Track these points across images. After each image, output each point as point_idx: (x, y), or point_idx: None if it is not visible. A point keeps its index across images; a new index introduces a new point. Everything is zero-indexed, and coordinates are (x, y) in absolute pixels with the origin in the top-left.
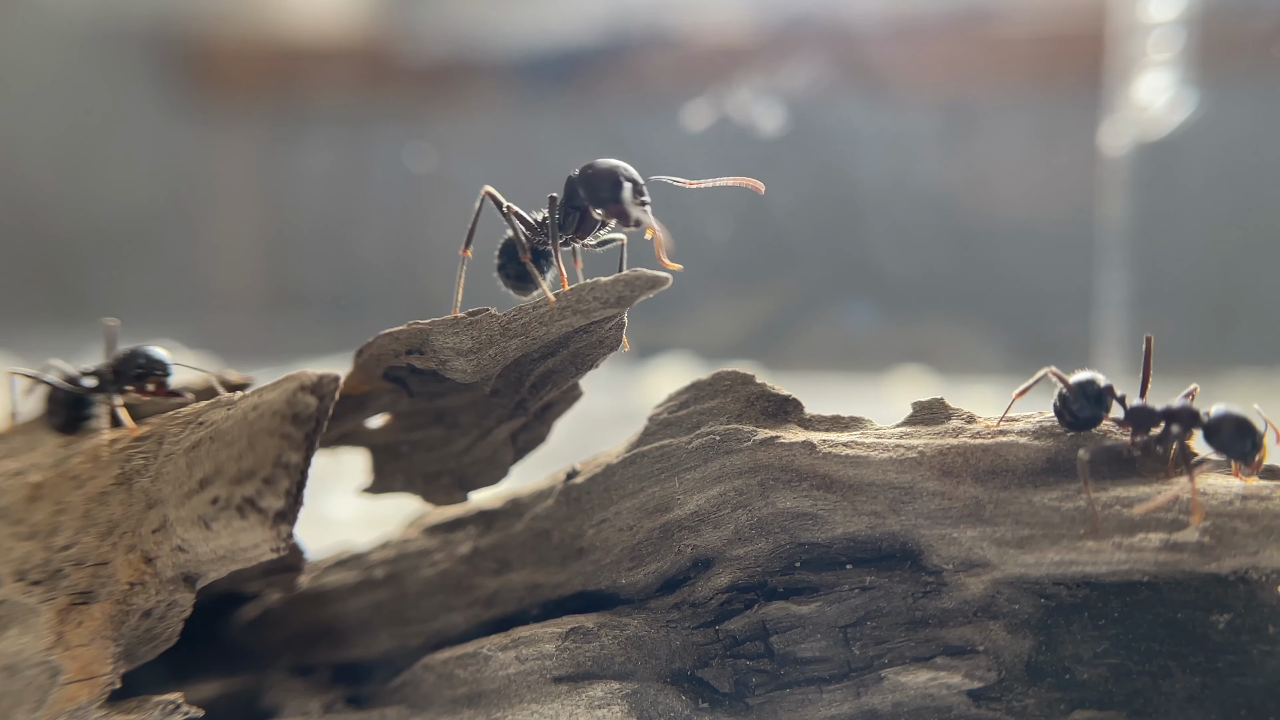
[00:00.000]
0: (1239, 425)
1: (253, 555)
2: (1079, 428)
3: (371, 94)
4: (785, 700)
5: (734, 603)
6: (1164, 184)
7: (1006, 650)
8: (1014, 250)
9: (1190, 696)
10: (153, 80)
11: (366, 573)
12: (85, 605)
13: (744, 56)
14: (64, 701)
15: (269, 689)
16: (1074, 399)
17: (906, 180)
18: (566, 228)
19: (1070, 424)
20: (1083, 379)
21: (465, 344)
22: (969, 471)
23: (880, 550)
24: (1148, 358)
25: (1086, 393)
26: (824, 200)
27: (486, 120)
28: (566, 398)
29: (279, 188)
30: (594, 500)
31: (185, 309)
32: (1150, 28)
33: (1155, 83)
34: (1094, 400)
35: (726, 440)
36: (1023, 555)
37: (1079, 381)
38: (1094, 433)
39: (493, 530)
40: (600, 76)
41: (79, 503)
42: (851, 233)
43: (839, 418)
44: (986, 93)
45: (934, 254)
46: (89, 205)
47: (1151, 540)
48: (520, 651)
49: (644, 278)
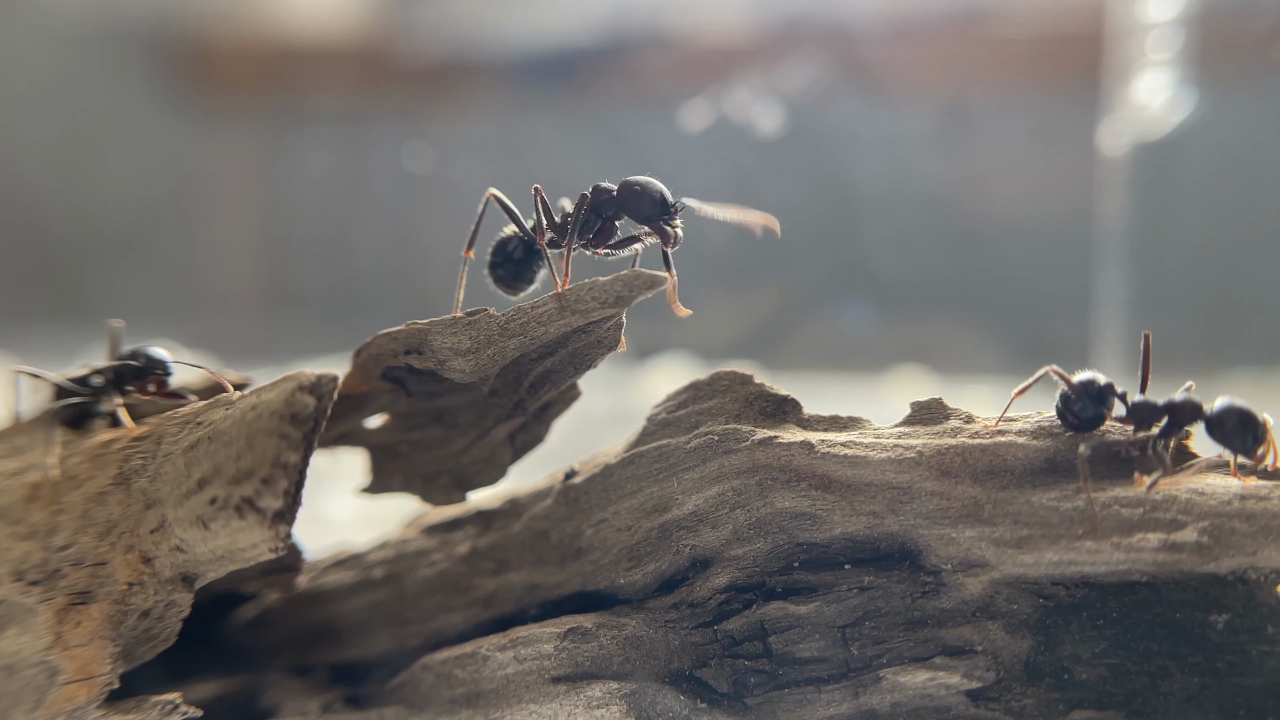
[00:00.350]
0: (1242, 418)
1: (251, 555)
2: (1081, 428)
3: (370, 94)
4: (784, 700)
5: (732, 603)
6: (1162, 184)
7: (1005, 650)
8: (1012, 250)
9: (1189, 696)
10: (151, 80)
11: (365, 573)
12: (84, 605)
13: (742, 56)
14: (62, 701)
15: (267, 689)
16: (1076, 399)
17: (905, 180)
18: (585, 234)
19: (1073, 425)
20: (1084, 379)
21: (464, 344)
22: (967, 471)
23: (879, 550)
24: (1146, 355)
25: (1089, 392)
26: (822, 200)
27: (485, 120)
28: (565, 398)
29: (277, 187)
30: (592, 500)
31: (184, 309)
32: (1149, 28)
33: (1154, 83)
34: (1096, 399)
35: (725, 440)
36: (1021, 555)
37: (1081, 381)
38: (1095, 432)
39: (491, 530)
40: (598, 76)
41: (77, 503)
42: (850, 232)
43: (837, 418)
44: (985, 93)
45: (932, 254)
46: (88, 205)
47: (1150, 540)
48: (519, 651)
49: (642, 278)
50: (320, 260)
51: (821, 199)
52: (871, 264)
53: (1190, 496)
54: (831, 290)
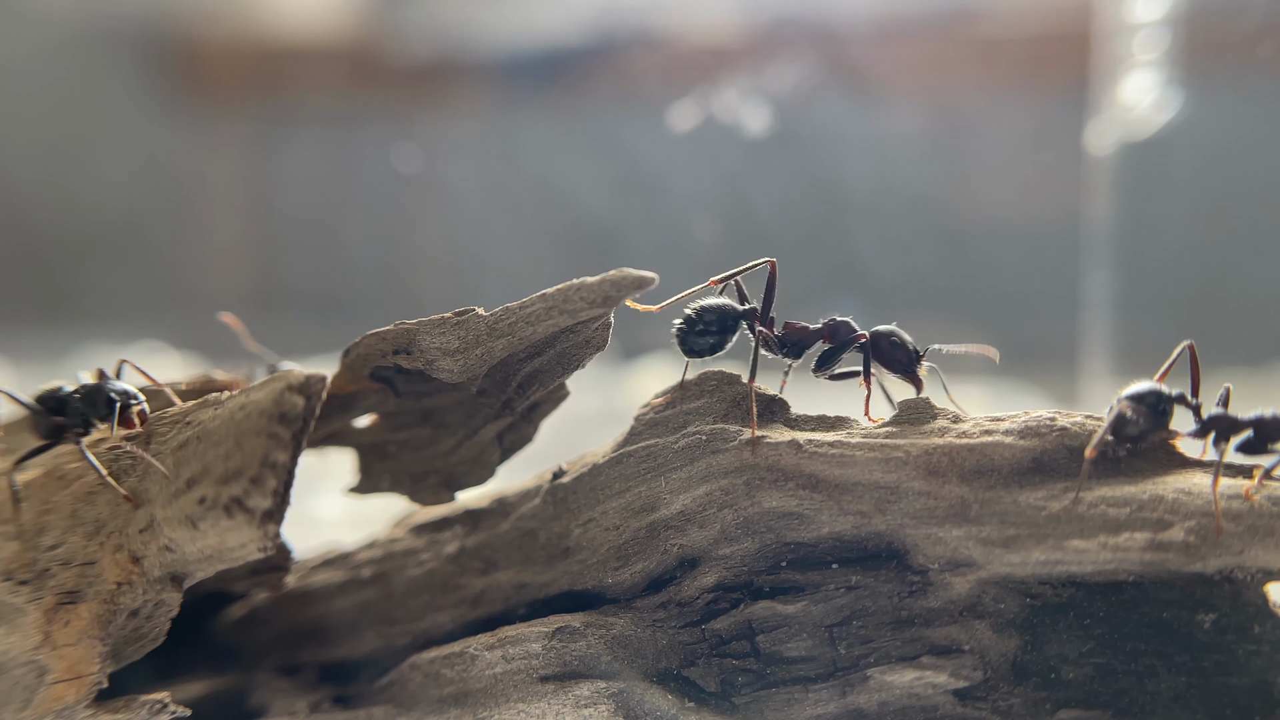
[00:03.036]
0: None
1: (240, 555)
2: (1139, 441)
3: (358, 94)
4: (771, 699)
5: (720, 602)
6: (1150, 184)
7: (992, 650)
8: (1000, 250)
9: (1176, 696)
10: (140, 80)
11: (353, 572)
12: (72, 605)
13: (730, 57)
14: (51, 701)
15: (256, 688)
16: (1145, 416)
17: (892, 180)
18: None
19: (1133, 438)
20: (1147, 390)
21: (452, 344)
22: (954, 471)
23: (866, 550)
24: (1195, 365)
25: (1156, 408)
26: (810, 200)
27: (473, 120)
28: (553, 397)
29: (266, 187)
30: (580, 500)
31: (172, 309)
32: (1136, 28)
33: (1141, 83)
34: (1161, 415)
35: (713, 440)
36: (1008, 555)
37: (1147, 394)
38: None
39: (479, 530)
40: (587, 76)
41: (66, 502)
42: (837, 232)
43: (825, 417)
44: (972, 93)
45: (920, 254)
46: (76, 205)
47: (1137, 540)
48: (507, 651)
49: (630, 278)
50: (309, 260)
51: (809, 199)
52: (859, 264)
53: (1177, 496)
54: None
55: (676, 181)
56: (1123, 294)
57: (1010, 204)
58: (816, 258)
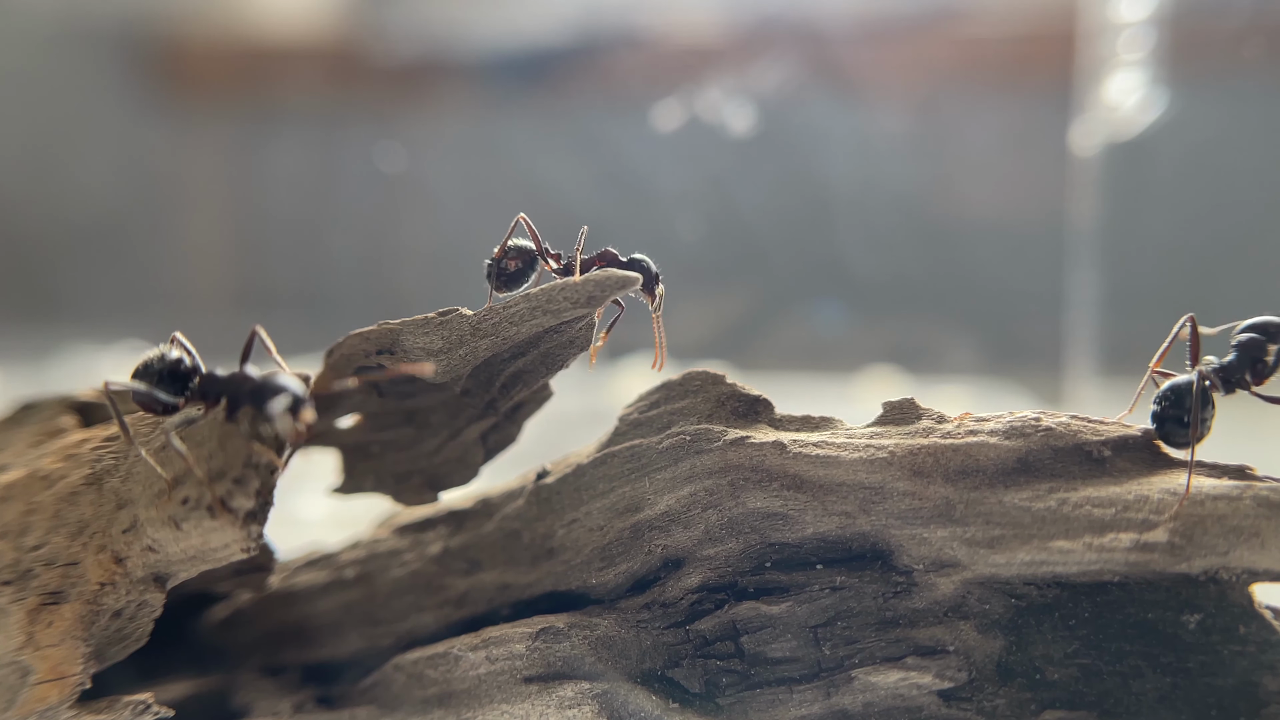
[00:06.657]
0: None
1: (223, 555)
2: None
3: (342, 94)
4: (755, 700)
5: (704, 603)
6: (1134, 184)
7: (977, 650)
8: (984, 250)
9: (1161, 697)
10: (122, 79)
11: (337, 573)
12: (55, 605)
13: (714, 56)
14: (34, 702)
15: (239, 689)
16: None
17: (877, 180)
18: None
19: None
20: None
21: (436, 344)
22: (940, 471)
23: (851, 550)
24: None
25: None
26: (794, 200)
27: (457, 120)
28: (537, 398)
29: (249, 187)
30: (564, 500)
31: (155, 308)
32: (1121, 28)
33: (1126, 83)
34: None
35: (697, 440)
36: (993, 555)
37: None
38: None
39: (463, 530)
40: (571, 76)
41: (49, 502)
42: (822, 233)
43: (809, 418)
44: (957, 93)
45: (904, 254)
46: (58, 204)
47: (1122, 540)
48: (490, 652)
49: (614, 278)
50: (292, 260)
51: (793, 199)
52: (843, 264)
53: (1163, 496)
54: (803, 290)
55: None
56: (1107, 294)
57: (995, 204)
58: (801, 257)
